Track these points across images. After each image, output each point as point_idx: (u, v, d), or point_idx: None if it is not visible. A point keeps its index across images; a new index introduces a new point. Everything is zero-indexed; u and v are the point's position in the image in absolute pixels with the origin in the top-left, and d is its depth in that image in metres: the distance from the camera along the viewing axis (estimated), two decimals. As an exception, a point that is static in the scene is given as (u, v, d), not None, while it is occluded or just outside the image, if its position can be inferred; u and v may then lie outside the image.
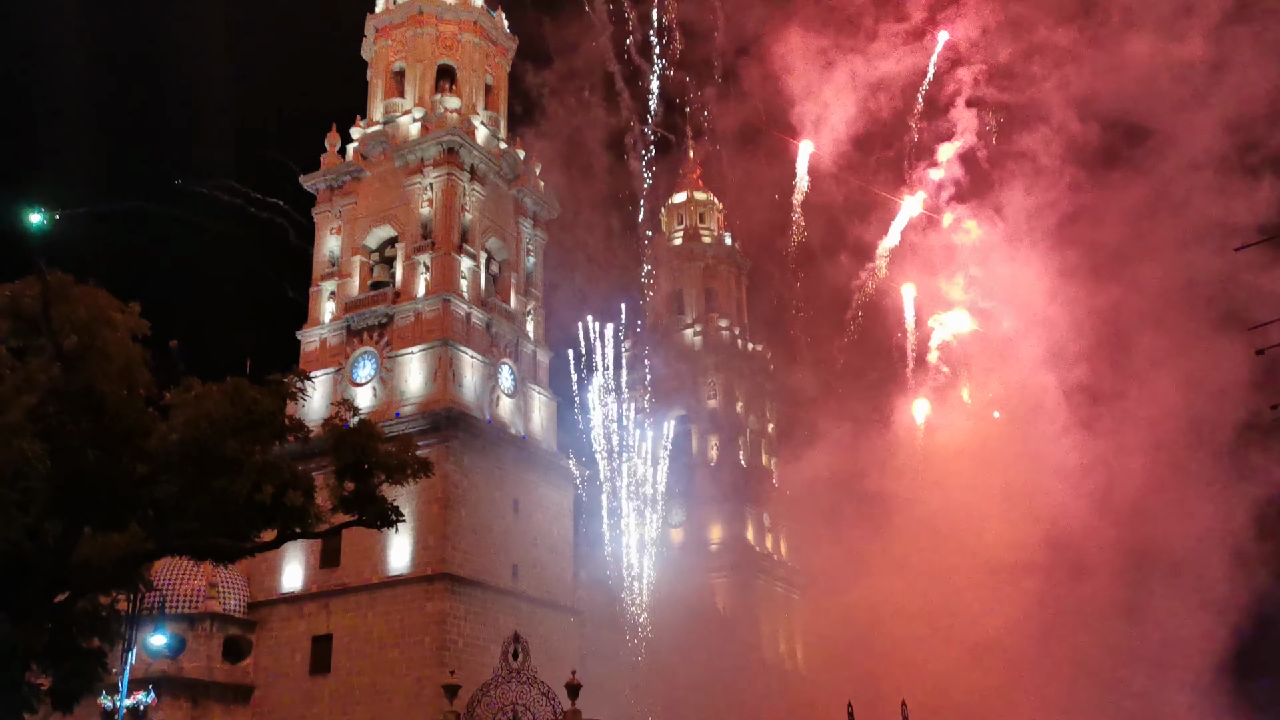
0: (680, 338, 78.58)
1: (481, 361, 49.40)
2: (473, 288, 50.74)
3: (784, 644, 72.26)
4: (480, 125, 54.45)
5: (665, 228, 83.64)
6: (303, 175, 54.18)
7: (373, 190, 53.05)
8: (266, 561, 45.59)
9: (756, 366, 79.54)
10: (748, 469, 75.16)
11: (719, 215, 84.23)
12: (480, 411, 48.32)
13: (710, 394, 76.36)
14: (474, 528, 46.35)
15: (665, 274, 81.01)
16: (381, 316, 49.71)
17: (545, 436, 52.52)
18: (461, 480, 46.32)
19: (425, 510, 44.79)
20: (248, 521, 26.35)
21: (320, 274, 52.52)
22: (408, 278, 50.27)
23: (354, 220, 52.95)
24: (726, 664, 59.04)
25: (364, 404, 45.89)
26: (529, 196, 55.72)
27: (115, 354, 27.15)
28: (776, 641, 71.69)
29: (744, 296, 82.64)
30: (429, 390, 47.37)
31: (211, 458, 25.97)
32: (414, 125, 53.07)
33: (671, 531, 72.31)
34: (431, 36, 55.55)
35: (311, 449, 35.04)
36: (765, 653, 69.03)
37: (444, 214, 50.62)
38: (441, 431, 45.88)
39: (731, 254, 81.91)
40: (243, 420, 27.15)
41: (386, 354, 48.75)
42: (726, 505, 72.94)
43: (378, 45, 56.70)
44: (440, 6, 56.01)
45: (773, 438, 79.88)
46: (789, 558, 76.76)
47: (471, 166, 52.20)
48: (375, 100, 55.89)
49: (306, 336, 51.50)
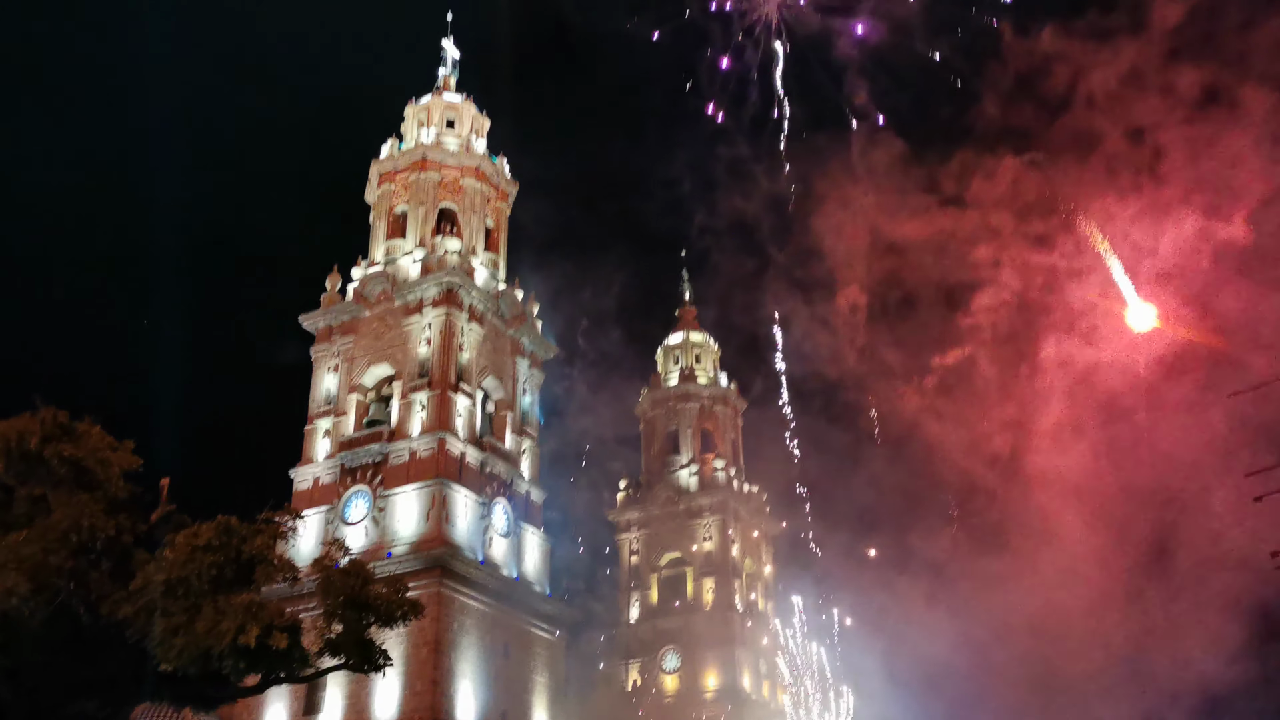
0: (675, 479, 78.25)
1: (476, 501, 49.04)
2: (468, 427, 50.74)
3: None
4: (480, 266, 55.31)
5: (661, 368, 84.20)
6: (302, 315, 54.74)
7: (371, 329, 53.53)
8: (247, 708, 44.31)
9: (753, 508, 78.99)
10: (743, 613, 73.90)
11: (714, 356, 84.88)
12: (473, 552, 47.75)
13: (706, 536, 75.62)
14: (464, 673, 45.27)
15: (661, 414, 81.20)
16: (376, 455, 49.56)
17: (539, 578, 51.79)
18: (452, 623, 45.45)
19: (414, 654, 43.80)
20: (231, 665, 25.74)
21: (316, 412, 52.54)
22: (403, 416, 50.31)
23: (352, 359, 53.27)
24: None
25: (356, 543, 45.30)
26: (526, 336, 56.23)
27: (105, 493, 27.01)
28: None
29: (739, 437, 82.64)
30: (422, 530, 46.87)
31: (197, 599, 25.58)
32: (415, 266, 53.88)
33: (665, 678, 70.75)
34: (434, 181, 56.89)
35: (301, 589, 34.55)
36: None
37: (442, 353, 50.98)
38: (434, 572, 45.22)
39: (727, 395, 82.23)
40: (231, 560, 26.83)
41: (380, 493, 48.41)
42: (722, 650, 71.47)
43: (381, 189, 58.02)
44: (443, 152, 57.53)
45: (769, 581, 78.80)
46: (786, 706, 74.82)
47: (470, 306, 52.82)
48: (377, 241, 56.88)
49: (300, 475, 51.22)
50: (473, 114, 60.61)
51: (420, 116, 60.03)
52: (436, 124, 59.37)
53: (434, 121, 59.47)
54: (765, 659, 73.88)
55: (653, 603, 75.20)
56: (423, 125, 59.37)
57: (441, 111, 59.98)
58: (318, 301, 55.10)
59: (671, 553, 76.46)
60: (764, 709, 71.63)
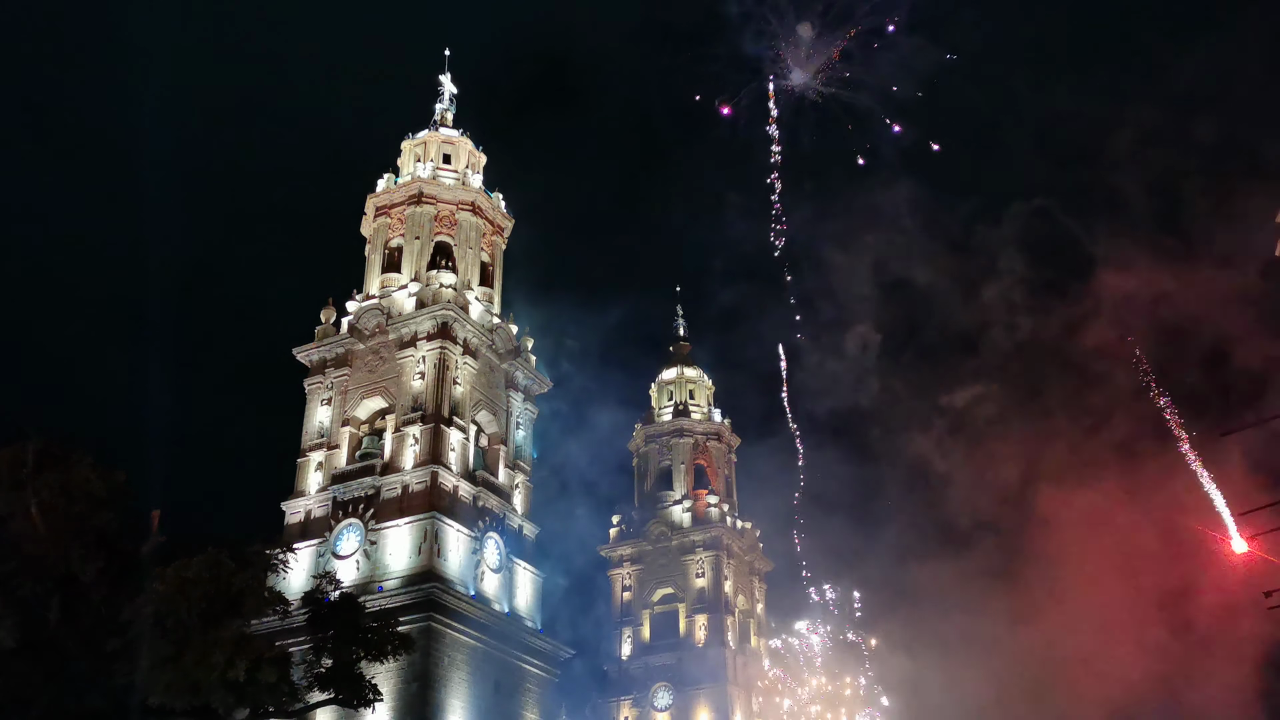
0: (668, 514, 77.98)
1: (468, 535, 48.83)
2: (461, 460, 50.61)
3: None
4: (475, 300, 55.38)
5: (655, 403, 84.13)
6: (296, 348, 54.71)
7: (365, 362, 53.49)
8: (237, 742, 43.90)
9: (746, 544, 78.66)
10: (736, 650, 73.42)
11: (709, 392, 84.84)
12: (465, 587, 47.48)
13: (699, 572, 75.26)
14: (454, 708, 44.88)
15: (654, 450, 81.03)
16: (368, 488, 49.38)
17: (530, 613, 51.49)
18: (443, 658, 45.12)
19: (404, 689, 43.42)
20: (220, 699, 25.55)
21: (308, 445, 52.41)
22: (396, 449, 50.18)
23: (345, 392, 53.21)
24: None
25: (347, 577, 45.04)
26: (520, 370, 56.21)
27: (94, 524, 26.88)
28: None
29: (733, 474, 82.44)
30: (414, 564, 46.61)
31: (186, 632, 25.42)
32: (409, 300, 53.93)
33: (657, 715, 70.17)
34: (430, 215, 57.07)
35: (291, 622, 34.33)
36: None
37: (435, 386, 50.92)
38: (425, 607, 44.92)
39: (721, 431, 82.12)
40: (220, 594, 26.69)
41: (371, 526, 48.18)
42: (714, 688, 70.92)
43: (376, 222, 58.17)
44: (439, 187, 57.75)
45: (762, 618, 78.37)
46: None
47: (465, 340, 52.84)
48: (372, 275, 56.96)
49: (291, 507, 51.00)
50: (469, 149, 60.89)
51: (417, 151, 60.30)
52: (433, 158, 59.63)
53: (431, 156, 59.73)
54: (758, 696, 73.32)
55: (644, 639, 74.68)
56: (419, 160, 59.63)
57: (438, 146, 60.26)
58: (312, 334, 55.10)
59: (664, 589, 76.02)
60: (756, 748, 71.00)
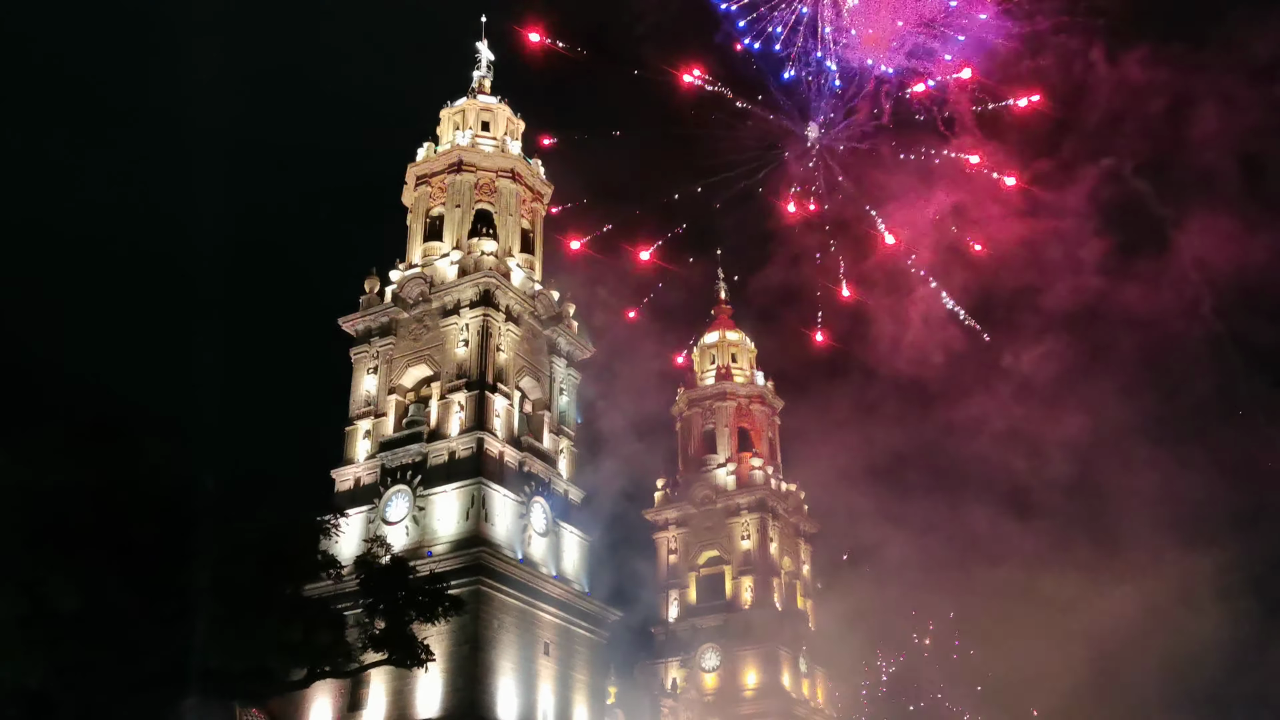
0: (712, 478, 78.21)
1: (514, 501, 49.31)
2: (506, 426, 51.03)
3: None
4: (516, 268, 55.61)
5: (697, 367, 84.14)
6: (341, 318, 55.28)
7: (410, 331, 53.96)
8: (293, 703, 44.78)
9: (791, 506, 78.78)
10: (783, 611, 73.72)
11: (751, 355, 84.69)
12: (513, 551, 48.02)
13: (744, 535, 75.53)
14: (505, 670, 45.54)
15: (697, 414, 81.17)
16: (415, 455, 49.95)
17: (577, 577, 51.99)
18: (493, 621, 45.73)
19: (456, 651, 44.10)
20: (276, 660, 26.14)
21: (356, 413, 53.05)
22: (442, 416, 50.67)
23: (390, 360, 53.74)
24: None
25: (397, 543, 45.65)
26: (563, 337, 56.46)
27: (150, 494, 27.42)
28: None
29: (777, 436, 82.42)
30: (462, 529, 47.19)
31: (241, 595, 25.95)
32: (451, 268, 54.26)
33: (704, 676, 70.71)
34: (470, 183, 57.25)
35: (343, 587, 34.96)
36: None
37: (479, 354, 51.30)
38: (474, 571, 45.51)
39: (764, 394, 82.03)
40: (275, 558, 27.22)
41: (419, 493, 48.78)
42: (762, 649, 71.35)
43: (417, 191, 58.45)
44: (479, 155, 57.87)
45: (808, 579, 78.58)
46: (826, 704, 74.65)
47: (507, 308, 53.12)
48: (414, 244, 57.33)
49: (340, 475, 51.74)
50: (507, 116, 60.91)
51: (455, 120, 60.41)
52: (472, 126, 59.72)
53: (469, 124, 59.83)
54: (805, 657, 73.69)
55: (691, 601, 75.17)
56: (458, 128, 59.75)
57: (476, 114, 60.32)
58: (356, 304, 55.63)
59: (710, 551, 76.40)
60: (804, 707, 71.43)
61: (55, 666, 25.87)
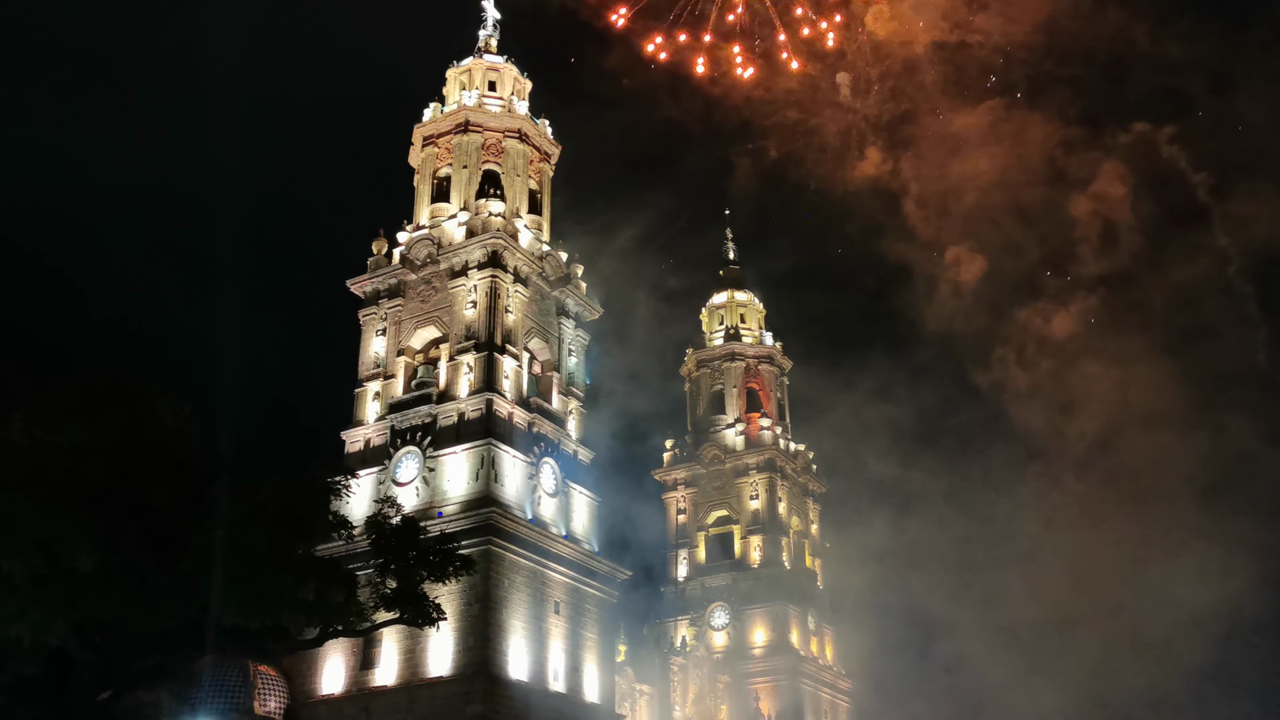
0: (721, 438, 78.52)
1: (524, 461, 49.59)
2: (515, 388, 51.22)
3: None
4: (524, 229, 55.55)
5: (705, 328, 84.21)
6: (350, 279, 55.36)
7: (418, 293, 54.04)
8: (306, 662, 45.41)
9: (799, 466, 79.12)
10: (792, 570, 74.24)
11: (759, 315, 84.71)
12: (522, 511, 48.37)
13: (752, 494, 75.93)
14: (515, 629, 46.04)
15: (706, 374, 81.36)
16: (425, 416, 50.19)
17: (587, 536, 52.37)
18: (503, 580, 46.17)
19: (466, 610, 44.58)
20: (290, 618, 26.49)
21: (365, 374, 53.28)
22: (451, 378, 50.86)
23: (399, 322, 53.87)
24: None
25: (407, 503, 45.98)
26: (571, 298, 56.49)
27: (164, 454, 27.67)
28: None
29: (785, 396, 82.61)
30: (471, 490, 47.53)
31: (256, 554, 26.25)
32: (459, 229, 54.23)
33: (714, 634, 71.36)
34: (477, 144, 57.04)
35: (355, 547, 35.31)
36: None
37: (488, 315, 51.37)
38: (484, 531, 45.89)
39: (772, 354, 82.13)
40: (288, 518, 27.50)
41: (429, 454, 49.06)
42: (771, 607, 71.95)
43: (424, 152, 58.29)
44: (486, 115, 57.60)
45: (816, 539, 79.06)
46: (835, 662, 75.36)
47: (515, 269, 53.11)
48: (421, 205, 57.25)
49: (350, 436, 52.04)
50: (514, 76, 60.56)
51: (462, 79, 60.10)
52: (479, 86, 59.38)
53: (476, 84, 59.49)
54: (814, 616, 74.28)
55: (700, 561, 75.77)
56: (464, 88, 59.43)
57: (483, 74, 59.97)
58: (364, 267, 55.68)
59: (718, 511, 76.93)
60: (813, 665, 72.11)
61: (74, 624, 26.25)
